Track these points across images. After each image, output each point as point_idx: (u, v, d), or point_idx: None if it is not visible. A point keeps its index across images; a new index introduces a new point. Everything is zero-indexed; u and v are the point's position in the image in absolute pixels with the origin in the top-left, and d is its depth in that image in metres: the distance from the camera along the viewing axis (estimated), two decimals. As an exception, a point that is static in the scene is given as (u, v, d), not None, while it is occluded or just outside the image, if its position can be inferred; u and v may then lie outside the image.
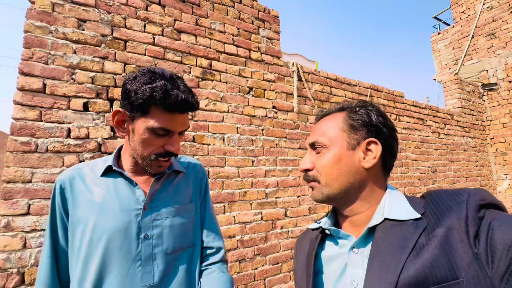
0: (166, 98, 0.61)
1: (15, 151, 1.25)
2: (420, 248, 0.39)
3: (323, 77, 2.54)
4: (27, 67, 1.32)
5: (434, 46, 5.55)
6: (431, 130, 3.50)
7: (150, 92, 0.61)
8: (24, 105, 1.30)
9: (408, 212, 0.45)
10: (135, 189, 0.69)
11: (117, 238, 0.64)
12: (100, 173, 0.69)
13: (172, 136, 0.66)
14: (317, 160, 0.51)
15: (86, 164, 0.73)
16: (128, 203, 0.67)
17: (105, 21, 1.56)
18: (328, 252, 0.51)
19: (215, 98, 1.87)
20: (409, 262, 0.38)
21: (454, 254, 0.36)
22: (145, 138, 0.64)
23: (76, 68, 1.44)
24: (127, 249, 0.64)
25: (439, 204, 0.43)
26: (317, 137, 0.52)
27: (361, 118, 0.51)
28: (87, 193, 0.67)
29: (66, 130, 1.37)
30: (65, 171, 0.71)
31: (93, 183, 0.68)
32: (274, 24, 2.28)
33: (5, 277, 1.16)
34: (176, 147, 0.67)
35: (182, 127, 0.68)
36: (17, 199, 1.23)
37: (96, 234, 0.63)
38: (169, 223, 0.70)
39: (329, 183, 0.49)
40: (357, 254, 0.46)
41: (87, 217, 0.65)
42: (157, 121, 0.63)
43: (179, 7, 1.83)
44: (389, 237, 0.42)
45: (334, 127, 0.52)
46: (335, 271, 0.47)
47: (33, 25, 1.36)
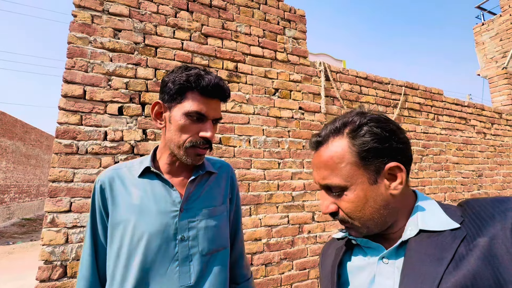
0: (200, 81, 0.66)
1: (59, 152, 1.36)
2: (460, 259, 0.36)
3: (352, 76, 2.43)
4: (70, 75, 1.43)
5: (477, 39, 5.07)
6: (476, 131, 3.18)
7: (186, 77, 0.67)
8: (67, 110, 1.41)
9: (445, 222, 0.42)
10: (171, 190, 0.70)
11: (156, 240, 0.66)
12: (138, 174, 0.71)
13: (206, 122, 0.69)
14: (341, 203, 0.46)
15: (123, 164, 0.76)
16: (165, 205, 0.69)
17: (138, 30, 1.64)
18: (355, 262, 0.49)
19: (241, 100, 1.88)
20: (447, 274, 0.35)
21: (500, 266, 0.34)
22: (181, 124, 0.67)
23: (112, 75, 1.53)
24: (165, 250, 0.66)
25: (479, 212, 0.40)
26: (330, 179, 0.45)
27: (370, 145, 0.44)
28: (125, 194, 0.70)
29: (103, 133, 1.46)
30: (104, 172, 0.74)
31: (131, 184, 0.71)
32: (300, 23, 2.24)
33: (50, 269, 1.26)
34: (210, 134, 0.68)
35: (216, 113, 0.70)
36: (61, 197, 1.33)
37: (136, 235, 0.66)
38: (204, 225, 0.71)
39: (364, 224, 0.45)
40: (387, 264, 0.43)
41: (127, 218, 0.67)
42: (192, 105, 0.67)
43: (206, 12, 1.87)
44: (424, 248, 0.40)
45: (344, 164, 0.45)
46: (363, 282, 0.45)
47: (75, 37, 1.48)
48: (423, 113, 2.81)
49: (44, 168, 13.57)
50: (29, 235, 8.66)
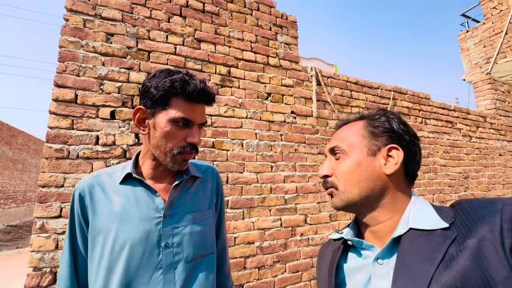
0: (186, 87, 0.65)
1: (50, 157, 1.35)
2: (450, 260, 0.37)
3: (343, 80, 2.49)
4: (61, 79, 1.42)
5: (462, 45, 5.26)
6: (462, 134, 3.29)
7: (170, 83, 0.64)
8: (58, 114, 1.39)
9: (435, 221, 0.43)
10: (154, 197, 0.68)
11: (139, 247, 0.64)
12: (119, 180, 0.69)
13: (192, 127, 0.68)
14: (337, 166, 0.51)
15: (104, 171, 0.74)
16: (147, 211, 0.67)
17: (130, 34, 1.64)
18: (351, 264, 0.50)
19: (234, 105, 1.89)
20: (438, 274, 0.36)
21: (489, 267, 0.35)
22: (167, 131, 0.65)
23: (104, 79, 1.53)
24: (148, 258, 0.64)
25: (470, 213, 0.41)
26: (337, 143, 0.52)
27: (382, 125, 0.51)
28: (106, 201, 0.68)
29: (95, 138, 1.45)
30: (84, 179, 0.72)
31: (113, 191, 0.69)
32: (292, 29, 2.28)
33: (39, 276, 1.24)
34: (197, 139, 0.67)
35: (201, 118, 0.69)
36: (51, 202, 1.31)
37: (117, 243, 0.64)
38: (189, 231, 0.69)
39: (348, 189, 0.48)
40: (382, 265, 0.44)
41: (108, 226, 0.65)
42: (178, 111, 0.65)
43: (199, 17, 1.89)
44: (416, 248, 0.41)
45: (354, 134, 0.52)
46: (359, 283, 0.46)
47: (67, 41, 1.47)
48: (412, 117, 2.89)
49: (32, 173, 13.19)
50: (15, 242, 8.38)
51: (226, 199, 1.74)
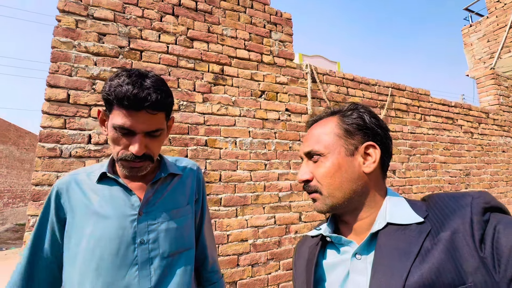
0: (118, 94, 0.59)
1: (42, 156, 1.37)
2: (426, 253, 0.38)
3: (339, 77, 2.47)
4: (54, 79, 1.44)
5: (465, 40, 5.16)
6: (463, 130, 3.24)
7: (108, 88, 0.61)
8: (51, 114, 1.42)
9: (410, 216, 0.44)
10: (130, 195, 0.69)
11: (114, 244, 0.64)
12: (96, 179, 0.70)
13: (134, 136, 0.63)
14: (316, 170, 0.50)
15: (83, 169, 0.74)
16: (123, 209, 0.67)
17: (122, 34, 1.66)
18: (330, 260, 0.50)
19: (227, 103, 1.90)
20: (414, 268, 0.37)
21: (461, 258, 0.36)
22: (111, 136, 0.64)
23: (96, 78, 1.55)
24: (124, 254, 0.65)
25: (442, 207, 0.42)
26: (313, 146, 0.51)
27: (355, 122, 0.50)
28: (84, 199, 0.68)
29: (87, 137, 1.47)
30: (62, 178, 0.72)
31: (90, 189, 0.69)
32: (287, 26, 2.27)
33: (33, 272, 1.26)
34: (137, 149, 0.62)
35: (145, 126, 0.62)
36: (43, 200, 1.34)
37: (92, 239, 0.64)
38: (165, 227, 0.70)
39: (332, 193, 0.48)
40: (360, 260, 0.44)
41: (83, 224, 0.66)
42: (116, 119, 0.61)
43: (191, 16, 1.89)
44: (393, 242, 0.41)
45: (328, 134, 0.50)
46: (338, 278, 0.46)
47: (59, 41, 1.49)
48: (410, 113, 2.86)
49: (39, 173, 13.40)
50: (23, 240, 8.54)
51: (219, 197, 1.75)
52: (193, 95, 1.80)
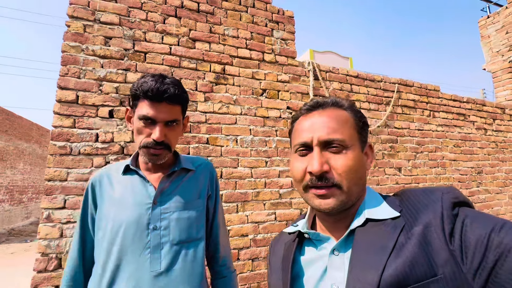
0: (143, 87, 0.72)
1: (54, 154, 1.47)
2: (400, 248, 0.39)
3: (343, 74, 2.45)
4: (64, 82, 1.54)
5: (482, 32, 4.93)
6: (476, 127, 3.13)
7: (136, 85, 0.75)
8: (61, 114, 1.51)
9: (386, 211, 0.45)
10: (147, 185, 0.78)
11: (131, 228, 0.74)
12: (121, 172, 0.81)
13: (156, 125, 0.74)
14: (337, 161, 0.45)
15: (114, 165, 0.86)
16: (141, 198, 0.77)
17: (127, 37, 1.73)
18: (307, 256, 0.49)
19: (228, 101, 1.94)
20: (390, 262, 0.38)
21: (432, 251, 0.37)
22: (137, 127, 0.75)
23: (103, 80, 1.63)
24: (139, 238, 0.73)
25: (415, 202, 0.43)
26: (337, 135, 0.46)
27: (364, 120, 0.50)
28: (110, 190, 0.79)
29: (94, 135, 1.56)
30: (97, 172, 0.84)
31: (116, 181, 0.80)
32: (289, 24, 2.28)
33: (46, 261, 1.37)
34: (157, 135, 0.73)
35: (165, 116, 0.74)
36: (55, 195, 1.44)
37: (115, 225, 0.74)
38: (176, 217, 0.77)
39: (351, 189, 0.45)
40: (337, 256, 0.45)
41: (109, 210, 0.76)
42: (141, 110, 0.74)
43: (194, 17, 1.94)
44: (369, 238, 0.42)
45: (349, 126, 0.48)
46: (315, 274, 0.46)
47: (69, 45, 1.59)
48: (418, 110, 2.79)
49: (59, 169, 14.03)
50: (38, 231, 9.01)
51: (220, 193, 1.80)
52: (195, 95, 1.85)
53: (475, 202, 2.89)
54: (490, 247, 0.34)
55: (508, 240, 0.34)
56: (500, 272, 0.33)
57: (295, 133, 0.51)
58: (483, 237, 0.35)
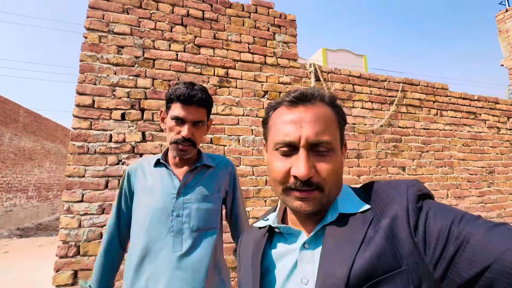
0: (177, 93, 0.87)
1: (73, 153, 1.64)
2: (369, 241, 0.40)
3: (345, 75, 2.49)
4: (81, 88, 1.71)
5: (500, 26, 4.74)
6: (487, 125, 3.05)
7: (171, 91, 0.89)
8: (80, 117, 1.69)
9: (357, 204, 0.45)
10: (173, 178, 0.91)
11: (159, 214, 0.87)
12: (153, 164, 0.94)
13: (184, 124, 0.87)
14: (321, 164, 0.43)
15: (146, 158, 1.00)
16: (167, 188, 0.89)
17: (138, 45, 1.89)
18: (278, 250, 0.49)
19: (231, 103, 2.05)
20: (359, 256, 0.39)
21: (398, 244, 0.38)
22: (169, 126, 0.89)
23: (116, 86, 1.79)
24: (165, 223, 0.86)
25: (383, 196, 0.44)
26: (326, 136, 0.43)
27: (344, 118, 0.49)
28: (143, 180, 0.93)
29: (108, 136, 1.72)
30: (132, 164, 0.99)
31: (149, 172, 0.94)
32: (291, 28, 2.35)
33: (67, 248, 1.54)
34: (186, 133, 0.86)
35: (193, 117, 0.88)
36: (75, 189, 1.61)
37: (146, 209, 0.88)
38: (196, 207, 0.89)
39: (331, 191, 0.44)
40: (308, 250, 0.45)
41: (142, 197, 0.91)
42: (174, 111, 0.88)
43: (199, 24, 2.07)
44: (340, 232, 0.43)
45: (334, 126, 0.45)
46: (285, 268, 0.46)
47: (86, 55, 1.76)
48: (424, 109, 2.77)
49: (81, 168, 14.78)
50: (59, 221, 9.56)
51: (223, 190, 1.92)
52: (200, 97, 1.98)
53: (486, 202, 2.83)
54: (451, 238, 0.36)
55: (467, 232, 0.35)
56: (458, 261, 0.34)
57: (275, 126, 0.46)
58: (445, 229, 0.36)
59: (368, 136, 2.48)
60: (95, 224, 1.61)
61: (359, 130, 2.45)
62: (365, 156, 2.43)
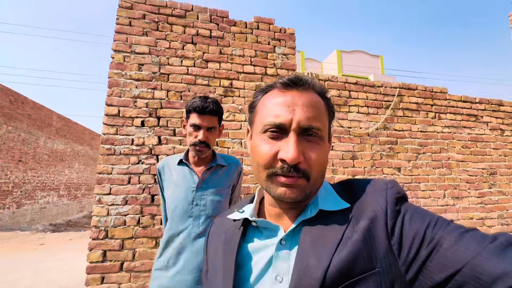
0: (194, 105, 1.11)
1: (103, 154, 1.99)
2: (346, 241, 0.39)
3: (341, 82, 2.68)
4: (109, 100, 2.06)
5: (513, 26, 4.67)
6: (490, 127, 3.09)
7: (189, 103, 1.14)
8: (108, 124, 2.03)
9: (338, 202, 0.44)
10: (194, 175, 1.16)
11: (181, 203, 1.12)
12: (176, 163, 1.19)
13: (200, 130, 1.10)
14: (309, 151, 0.42)
15: (170, 157, 1.25)
16: (189, 183, 1.14)
17: (155, 62, 2.22)
18: (253, 245, 0.46)
19: (235, 111, 2.33)
20: (336, 256, 0.38)
21: (374, 245, 0.38)
22: (188, 131, 1.13)
23: (137, 97, 2.13)
24: (186, 210, 1.12)
25: (362, 195, 0.44)
26: (317, 122, 0.43)
27: (332, 109, 0.47)
28: (169, 175, 1.18)
29: (130, 140, 2.06)
30: (160, 162, 1.24)
31: (174, 169, 1.18)
32: (290, 40, 2.59)
33: (97, 232, 1.88)
34: (201, 137, 1.09)
35: (207, 124, 1.10)
36: (104, 184, 1.95)
37: (173, 199, 1.14)
38: (211, 199, 1.14)
39: (316, 182, 0.43)
40: (284, 247, 0.43)
41: (170, 190, 1.16)
42: (192, 120, 1.11)
43: (207, 42, 2.37)
44: (317, 230, 0.42)
45: (325, 116, 0.45)
46: (259, 264, 0.44)
47: (113, 72, 2.11)
48: (422, 112, 2.89)
49: (106, 169, 15.74)
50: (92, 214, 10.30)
51: (226, 187, 2.19)
52: (207, 106, 2.27)
53: (486, 203, 2.88)
54: (424, 241, 0.36)
55: (440, 236, 0.35)
56: (430, 264, 0.35)
57: (265, 108, 0.44)
58: (420, 232, 0.37)
59: (363, 139, 2.65)
60: (120, 213, 1.94)
61: (354, 133, 2.63)
62: (360, 158, 2.60)
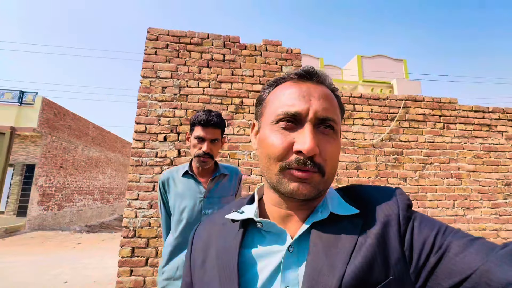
0: (198, 118, 1.17)
1: (133, 165, 2.35)
2: (360, 248, 0.37)
3: (346, 96, 2.85)
4: (138, 119, 2.43)
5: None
6: (505, 137, 3.04)
7: (193, 117, 1.20)
8: (137, 140, 2.39)
9: (346, 207, 0.42)
10: (200, 185, 1.20)
11: (189, 213, 1.14)
12: (181, 174, 1.23)
13: (204, 142, 1.14)
14: (324, 145, 0.40)
15: (175, 168, 1.28)
16: (195, 193, 1.17)
17: (176, 85, 2.56)
18: (255, 250, 0.42)
19: (245, 126, 2.59)
20: (350, 264, 0.36)
21: (388, 251, 0.37)
22: (193, 143, 1.17)
23: (161, 116, 2.48)
24: (195, 219, 1.15)
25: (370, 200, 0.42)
26: (332, 114, 0.41)
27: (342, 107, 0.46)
28: (174, 187, 1.20)
29: (155, 153, 2.40)
30: (164, 173, 1.26)
31: (178, 180, 1.20)
32: (296, 60, 2.82)
33: (127, 231, 2.22)
34: (205, 148, 1.13)
35: (210, 136, 1.14)
36: (133, 190, 2.30)
37: (180, 209, 1.16)
38: (218, 207, 1.17)
39: (329, 179, 0.41)
40: (292, 254, 0.39)
41: (175, 200, 1.18)
42: (196, 132, 1.16)
43: (220, 65, 2.68)
44: (329, 235, 0.39)
45: (338, 112, 0.43)
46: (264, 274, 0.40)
47: (141, 95, 2.48)
48: (429, 123, 2.94)
49: (135, 175, 16.77)
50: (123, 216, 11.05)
51: (237, 194, 2.44)
52: (220, 122, 2.56)
53: (501, 214, 2.83)
54: (434, 248, 0.36)
55: (448, 242, 0.36)
56: (439, 271, 0.34)
57: (278, 98, 0.42)
58: (429, 239, 0.36)
59: (368, 150, 2.77)
60: (146, 215, 2.27)
61: (359, 144, 2.76)
62: (364, 168, 2.72)
